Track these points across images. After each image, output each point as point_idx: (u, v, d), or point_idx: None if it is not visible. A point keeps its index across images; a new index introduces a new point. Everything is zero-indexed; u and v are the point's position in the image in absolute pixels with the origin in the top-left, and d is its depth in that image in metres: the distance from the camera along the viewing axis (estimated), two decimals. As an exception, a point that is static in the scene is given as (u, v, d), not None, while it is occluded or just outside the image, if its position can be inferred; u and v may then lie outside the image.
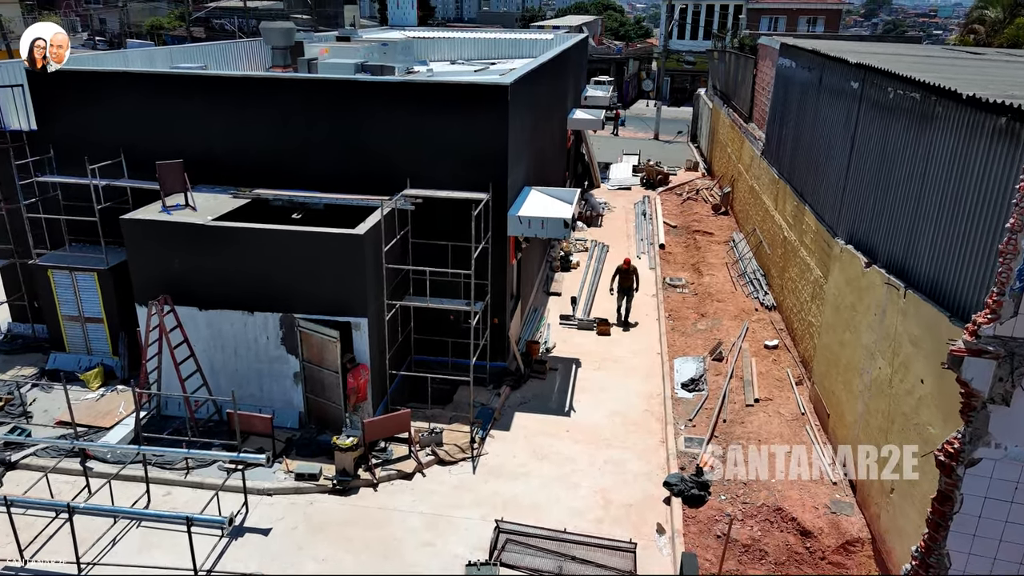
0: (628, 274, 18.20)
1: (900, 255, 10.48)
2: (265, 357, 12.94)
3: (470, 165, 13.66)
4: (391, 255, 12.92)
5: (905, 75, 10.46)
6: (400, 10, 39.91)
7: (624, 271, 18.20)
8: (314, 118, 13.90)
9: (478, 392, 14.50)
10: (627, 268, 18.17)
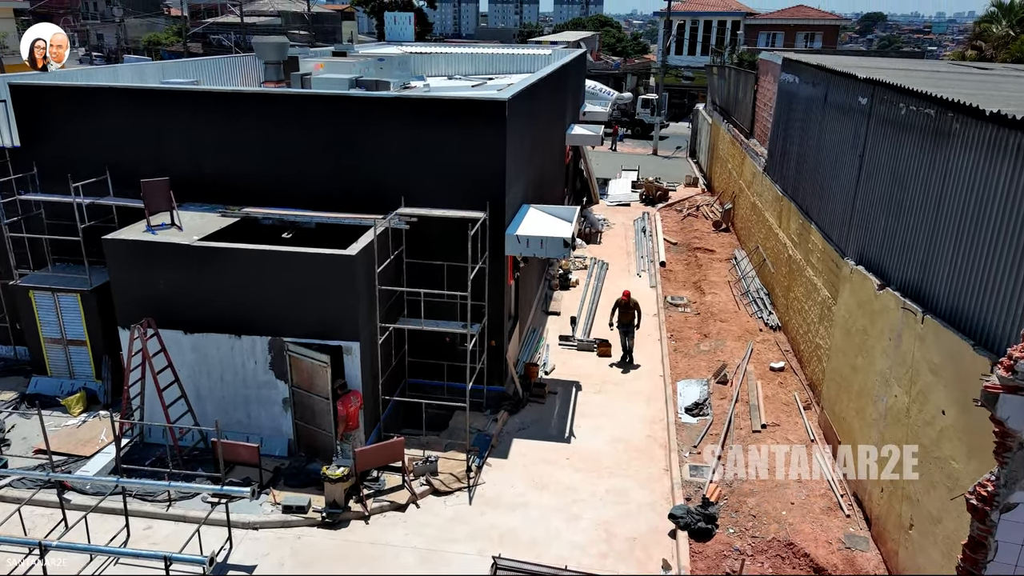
0: (628, 308, 16.82)
1: (916, 278, 10.02)
2: (253, 382, 12.43)
3: (467, 183, 13.23)
4: (384, 276, 12.45)
5: (919, 90, 10.06)
6: (397, 26, 39.64)
7: (624, 304, 16.83)
8: (306, 134, 13.48)
9: (475, 417, 13.98)
10: (627, 301, 16.84)
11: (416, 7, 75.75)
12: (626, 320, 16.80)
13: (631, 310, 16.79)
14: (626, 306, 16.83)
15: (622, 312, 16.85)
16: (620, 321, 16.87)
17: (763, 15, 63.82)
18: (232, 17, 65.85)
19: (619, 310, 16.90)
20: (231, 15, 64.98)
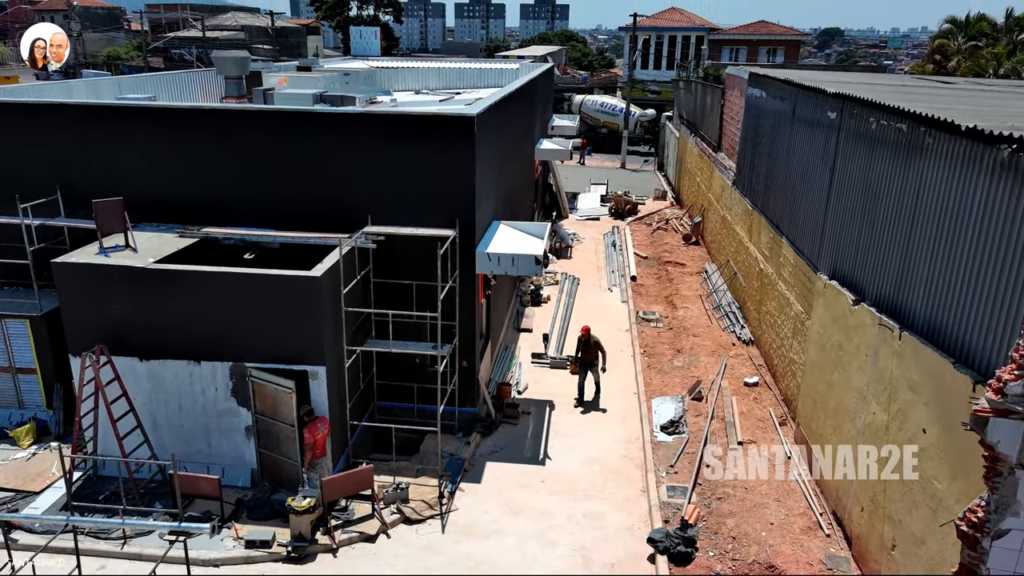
0: (589, 346, 15.31)
1: (891, 293, 9.93)
2: (213, 410, 11.90)
3: (436, 200, 12.91)
4: (351, 297, 12.04)
5: (891, 105, 10.02)
6: (363, 40, 39.28)
7: (585, 341, 15.34)
8: (268, 151, 13.04)
9: (447, 441, 13.59)
10: (587, 338, 15.32)
11: (382, 22, 75.47)
12: (588, 359, 15.39)
13: (593, 348, 15.35)
14: (587, 343, 15.36)
15: (584, 351, 15.41)
16: (582, 360, 15.43)
17: (726, 30, 64.76)
18: (194, 31, 64.88)
19: (580, 348, 15.48)
20: (193, 29, 63.99)
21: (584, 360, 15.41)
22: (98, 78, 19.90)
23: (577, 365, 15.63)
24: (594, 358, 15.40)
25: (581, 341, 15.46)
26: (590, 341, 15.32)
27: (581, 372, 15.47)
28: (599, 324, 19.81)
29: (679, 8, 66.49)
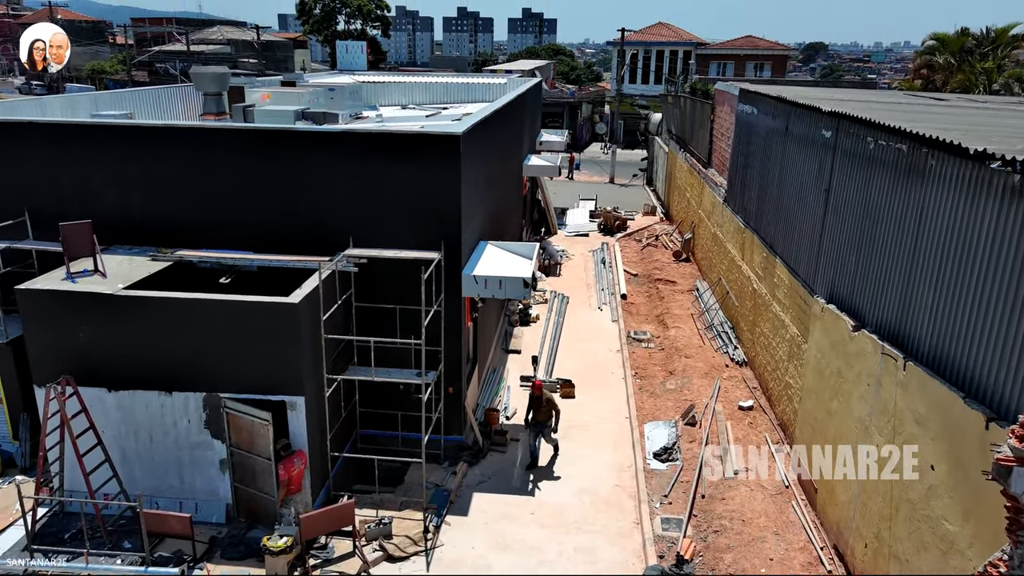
0: (541, 404, 13.22)
1: (893, 320, 9.55)
2: (186, 443, 11.33)
3: (420, 222, 12.46)
4: (331, 323, 11.54)
5: (890, 125, 9.68)
6: (349, 54, 38.89)
7: (536, 399, 13.25)
8: (246, 171, 12.57)
9: (432, 471, 13.07)
10: (539, 395, 13.22)
11: (370, 36, 75.29)
12: (540, 419, 13.29)
13: (545, 407, 13.21)
14: (538, 401, 13.20)
15: (535, 409, 13.32)
16: (534, 420, 13.33)
17: (714, 45, 64.99)
18: (179, 45, 64.32)
19: (531, 406, 13.40)
20: (178, 43, 63.47)
21: (536, 420, 13.32)
22: (74, 94, 19.31)
23: (527, 425, 13.56)
24: (547, 417, 13.22)
25: (532, 399, 13.32)
26: (542, 399, 13.17)
27: (532, 433, 13.36)
28: (589, 344, 19.45)
29: (666, 23, 66.73)
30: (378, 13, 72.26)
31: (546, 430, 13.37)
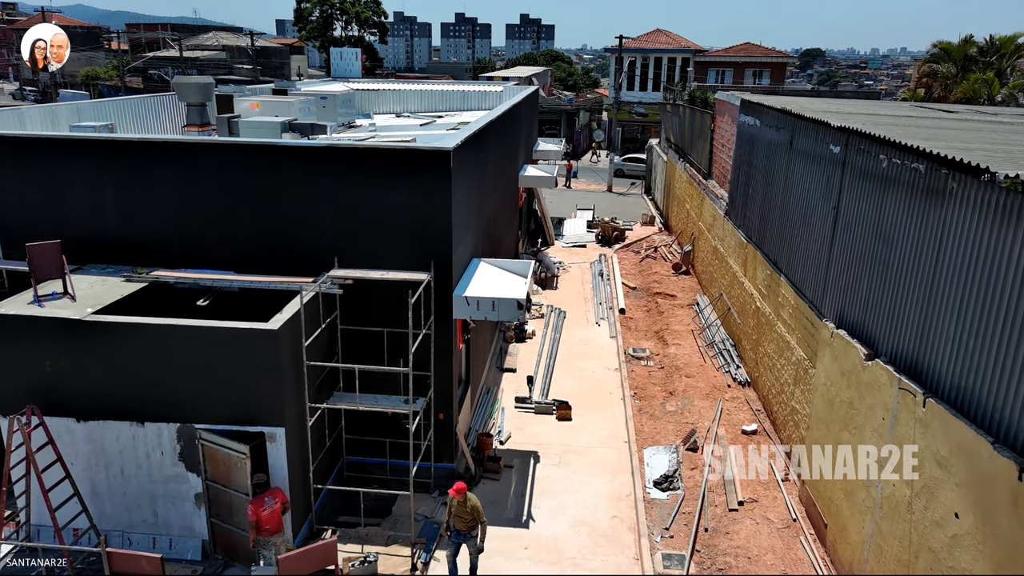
0: (465, 510, 10.56)
1: (910, 350, 8.96)
2: (159, 476, 10.70)
3: (409, 241, 11.87)
4: (315, 349, 10.93)
5: (905, 143, 9.11)
6: (344, 61, 38.36)
7: (459, 504, 10.56)
8: (226, 187, 11.98)
9: (422, 501, 12.46)
10: (463, 500, 10.54)
11: (367, 42, 74.84)
12: (464, 527, 10.69)
13: (469, 514, 10.63)
14: (460, 507, 10.60)
15: (457, 515, 10.68)
16: (455, 528, 10.78)
17: (712, 52, 64.55)
18: (174, 51, 63.78)
19: (452, 512, 10.75)
20: (172, 49, 62.95)
21: (458, 528, 10.74)
22: (55, 105, 18.70)
23: (448, 531, 11.07)
24: (471, 526, 10.71)
25: (452, 505, 10.68)
26: (466, 504, 10.58)
27: (452, 547, 10.86)
28: (586, 362, 18.85)
29: (664, 30, 66.29)
30: (375, 19, 71.88)
31: (470, 542, 10.74)
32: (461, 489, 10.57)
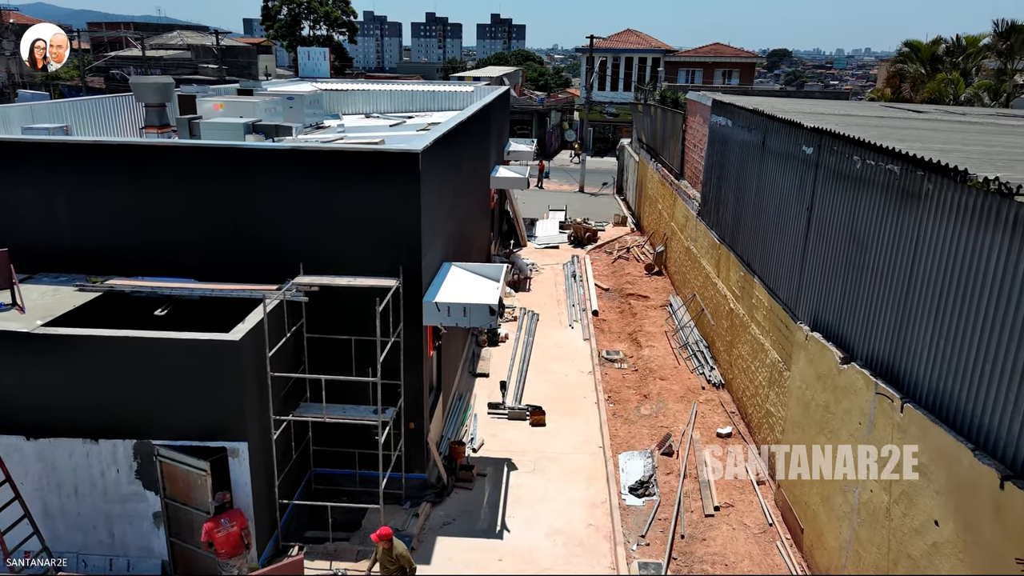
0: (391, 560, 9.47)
1: (886, 353, 8.86)
2: (116, 495, 10.23)
3: (377, 246, 11.52)
4: (279, 359, 10.55)
5: (878, 144, 9.00)
6: (312, 61, 37.69)
7: (385, 552, 9.50)
8: (185, 192, 11.51)
9: (393, 513, 12.12)
10: (388, 547, 9.47)
11: (336, 42, 74.00)
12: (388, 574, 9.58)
13: (394, 563, 9.48)
14: (387, 555, 9.48)
15: (382, 563, 9.56)
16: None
17: (682, 52, 64.84)
18: (136, 51, 62.32)
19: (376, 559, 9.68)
20: (134, 48, 61.54)
21: None
22: (8, 106, 17.96)
23: None
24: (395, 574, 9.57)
25: (378, 552, 9.62)
26: (391, 552, 9.48)
27: None
28: (560, 366, 18.63)
29: (634, 30, 66.48)
30: (344, 19, 71.06)
31: None
32: (386, 535, 9.39)
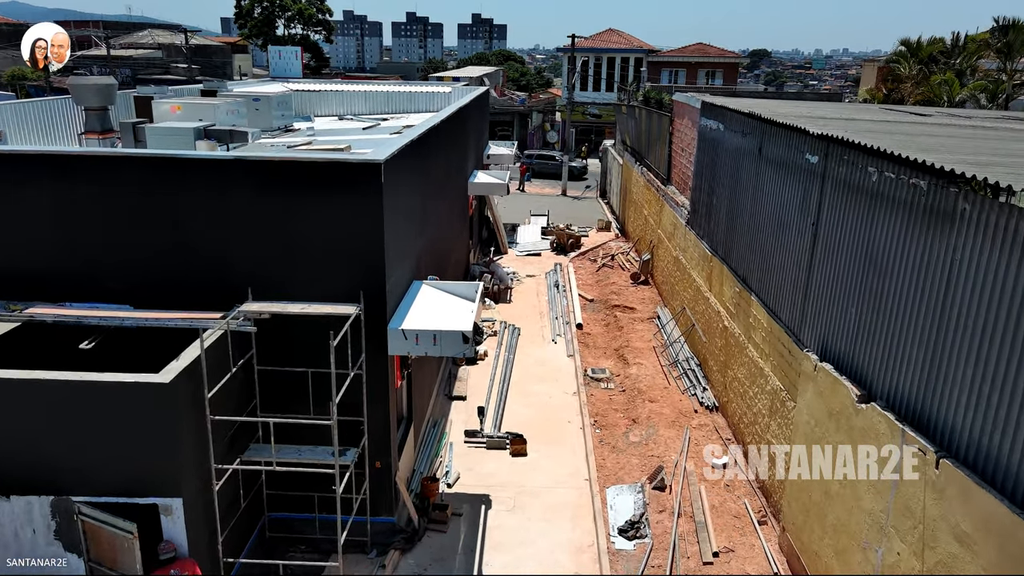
0: None
1: (913, 395, 7.75)
2: (32, 558, 8.89)
3: (335, 268, 10.28)
4: (222, 399, 9.26)
5: (901, 154, 7.89)
6: (283, 60, 36.21)
7: None
8: (121, 207, 10.18)
9: (356, 563, 10.88)
10: None
11: (312, 41, 72.38)
12: None
13: None
14: None
15: None
16: None
17: (665, 52, 63.95)
18: (105, 50, 60.35)
19: None
20: (100, 47, 59.59)
21: None
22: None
23: None
24: None
25: None
26: None
27: None
28: (543, 386, 17.45)
29: (617, 29, 65.50)
30: (319, 17, 69.46)
31: None
32: None
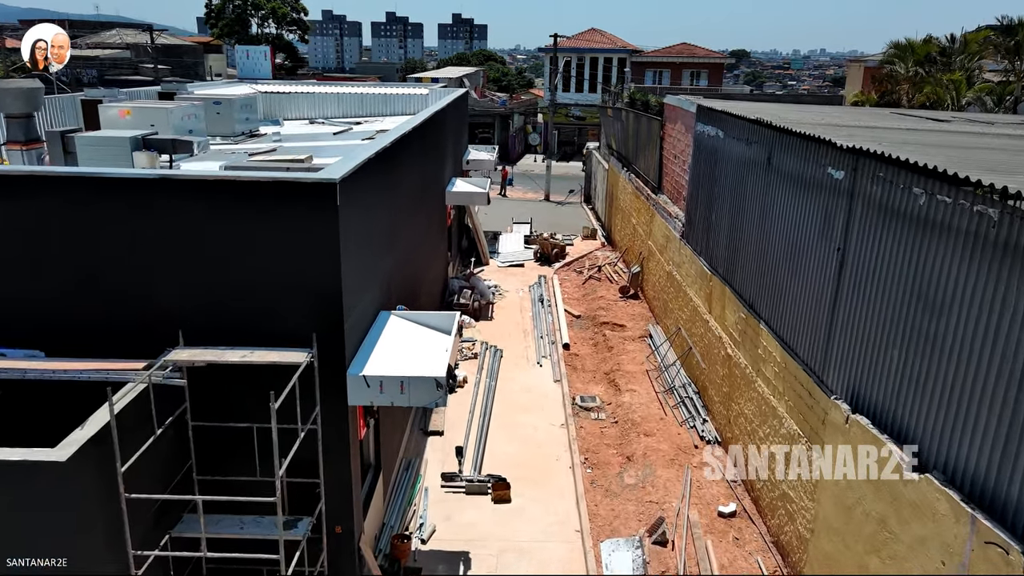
0: None
1: (982, 469, 6.34)
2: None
3: (283, 306, 8.71)
4: (145, 467, 7.66)
5: (957, 174, 6.48)
6: (251, 61, 34.49)
7: None
8: (25, 235, 8.57)
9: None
10: None
11: (286, 41, 70.44)
12: None
13: None
14: None
15: None
16: None
17: (649, 52, 62.85)
18: (73, 50, 58.11)
19: None
20: (66, 47, 57.24)
21: None
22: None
23: None
24: None
25: None
26: None
27: None
28: (528, 417, 15.98)
29: (599, 29, 64.28)
30: (294, 16, 67.55)
31: None
32: None
